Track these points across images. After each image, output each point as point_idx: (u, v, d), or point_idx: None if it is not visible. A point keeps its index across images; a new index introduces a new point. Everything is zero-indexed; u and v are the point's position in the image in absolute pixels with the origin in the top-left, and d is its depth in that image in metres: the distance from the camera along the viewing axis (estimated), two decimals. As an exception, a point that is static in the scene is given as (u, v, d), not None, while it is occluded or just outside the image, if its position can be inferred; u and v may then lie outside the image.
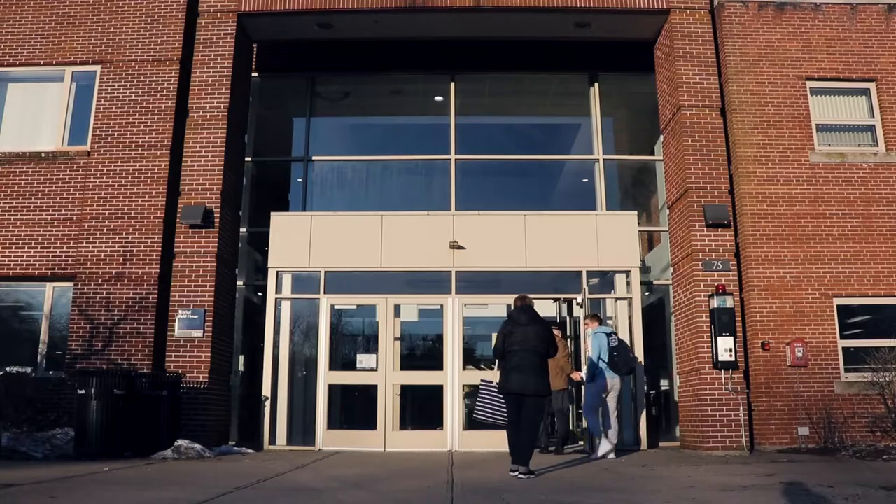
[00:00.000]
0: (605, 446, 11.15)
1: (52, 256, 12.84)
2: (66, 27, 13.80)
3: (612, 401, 11.50)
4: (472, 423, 13.10)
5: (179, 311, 12.41)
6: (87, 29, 13.77)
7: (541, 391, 8.66)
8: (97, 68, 13.63)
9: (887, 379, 11.55)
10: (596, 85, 15.36)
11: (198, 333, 12.32)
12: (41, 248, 12.88)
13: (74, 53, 13.68)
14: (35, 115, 13.83)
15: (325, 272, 13.59)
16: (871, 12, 13.73)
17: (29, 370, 12.39)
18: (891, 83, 13.44)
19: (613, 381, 11.46)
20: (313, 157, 15.12)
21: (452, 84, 15.36)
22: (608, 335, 11.56)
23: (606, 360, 11.36)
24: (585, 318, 12.37)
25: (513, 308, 9.47)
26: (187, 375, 12.05)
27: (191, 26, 13.72)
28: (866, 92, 13.55)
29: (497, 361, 9.52)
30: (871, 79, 13.50)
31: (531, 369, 8.63)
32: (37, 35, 13.80)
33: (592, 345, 11.58)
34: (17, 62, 13.76)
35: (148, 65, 13.55)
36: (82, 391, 10.66)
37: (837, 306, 12.58)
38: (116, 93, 13.45)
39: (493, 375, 10.89)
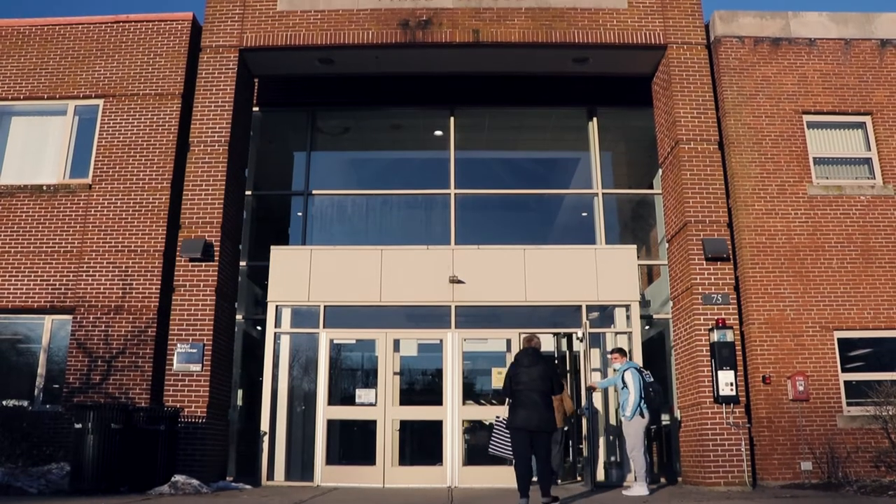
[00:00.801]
0: (641, 489, 10.93)
1: (52, 289, 12.84)
2: (70, 61, 13.96)
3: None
4: (472, 458, 13.05)
5: (178, 345, 12.36)
6: (91, 63, 13.92)
7: (545, 427, 9.20)
8: (100, 102, 13.76)
9: (890, 413, 11.47)
10: (594, 119, 15.47)
11: (196, 367, 12.26)
12: (41, 280, 12.89)
13: (78, 87, 13.82)
14: (37, 148, 13.93)
15: (325, 306, 13.58)
16: (864, 47, 13.89)
17: (25, 404, 12.33)
18: (886, 117, 13.55)
19: (646, 418, 11.33)
20: (313, 191, 15.17)
21: (452, 118, 15.48)
22: (640, 370, 11.45)
23: (643, 396, 11.22)
24: (612, 352, 12.26)
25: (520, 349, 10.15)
26: (185, 410, 11.96)
27: (193, 61, 13.89)
28: (862, 125, 13.65)
29: (506, 399, 10.04)
30: (867, 112, 13.61)
31: (535, 406, 9.21)
32: (41, 69, 13.96)
33: (633, 381, 11.25)
34: (21, 96, 13.89)
35: (150, 99, 13.67)
36: (79, 425, 10.60)
37: (838, 339, 12.54)
38: (118, 126, 13.56)
39: (506, 411, 11.07)
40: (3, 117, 14.07)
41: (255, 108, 15.17)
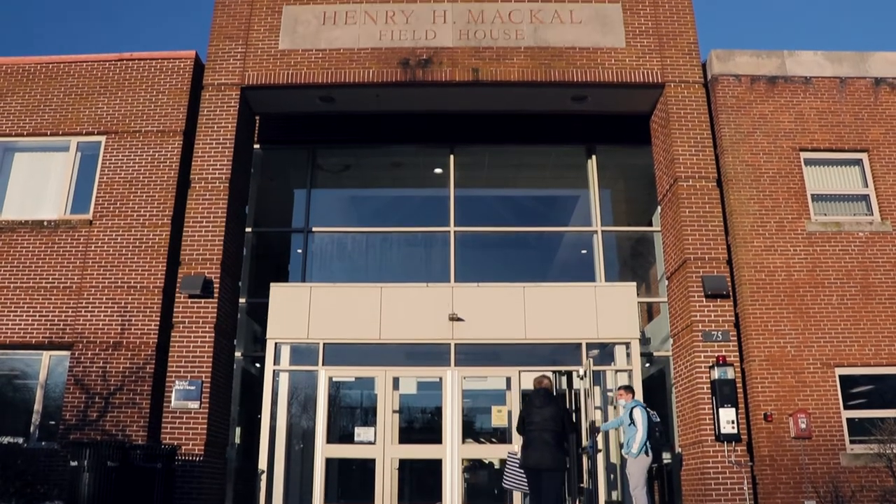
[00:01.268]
0: None
1: (50, 325, 12.79)
2: (74, 98, 14.08)
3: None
4: (472, 497, 12.93)
5: (176, 382, 12.30)
6: (94, 100, 14.04)
7: (556, 466, 9.78)
8: (102, 139, 13.85)
9: (894, 451, 11.36)
10: (593, 157, 15.58)
11: (194, 405, 12.18)
12: (39, 316, 12.85)
13: (80, 124, 13.92)
14: (39, 184, 13.98)
15: (324, 344, 13.55)
16: (859, 85, 14.04)
17: (21, 440, 12.20)
18: (882, 154, 13.64)
19: (650, 457, 11.21)
20: (313, 228, 15.21)
21: (452, 156, 15.58)
22: (647, 409, 11.38)
23: (649, 435, 11.13)
24: (619, 389, 12.18)
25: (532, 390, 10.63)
26: (183, 447, 11.86)
27: (195, 99, 14.01)
28: (859, 162, 13.73)
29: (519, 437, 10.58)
30: (863, 149, 13.70)
31: (546, 446, 9.79)
32: (45, 106, 14.07)
33: (641, 419, 11.10)
34: (25, 132, 13.98)
35: (152, 136, 13.76)
36: (75, 463, 10.45)
37: (840, 376, 12.45)
38: (120, 163, 13.63)
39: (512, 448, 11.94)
40: (7, 153, 14.14)
41: (256, 146, 15.28)
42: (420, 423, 14.22)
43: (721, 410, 11.94)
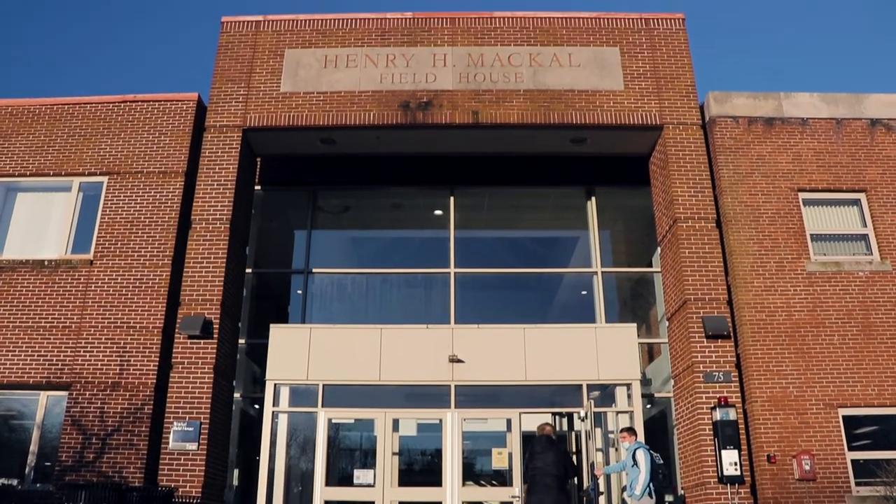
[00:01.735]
0: None
1: (49, 364, 12.73)
2: (77, 139, 14.21)
3: None
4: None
5: (175, 423, 12.20)
6: (97, 141, 14.17)
7: None
8: (104, 179, 13.94)
9: (900, 493, 11.24)
10: (593, 198, 15.65)
11: (192, 446, 12.07)
12: (38, 355, 12.80)
13: (83, 165, 14.02)
14: (41, 224, 14.03)
15: (324, 385, 13.48)
16: (855, 126, 14.17)
17: (15, 482, 12.07)
18: (880, 193, 13.72)
19: (653, 499, 11.08)
20: (313, 270, 15.22)
21: (452, 198, 15.65)
22: (650, 451, 11.28)
23: (652, 477, 11.01)
24: (621, 431, 12.11)
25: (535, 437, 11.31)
26: (180, 490, 11.71)
27: (197, 140, 14.14)
28: (857, 202, 13.80)
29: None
30: (861, 189, 13.78)
31: (548, 489, 10.44)
32: (48, 146, 14.19)
33: (645, 460, 11.01)
34: (28, 172, 14.08)
35: (154, 177, 13.85)
36: (70, 504, 10.35)
37: (843, 417, 12.36)
38: (122, 203, 13.70)
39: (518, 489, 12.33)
40: (10, 193, 14.23)
41: (257, 187, 15.37)
42: (420, 466, 14.07)
43: (724, 452, 11.82)
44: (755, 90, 14.31)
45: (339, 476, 13.51)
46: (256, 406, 14.42)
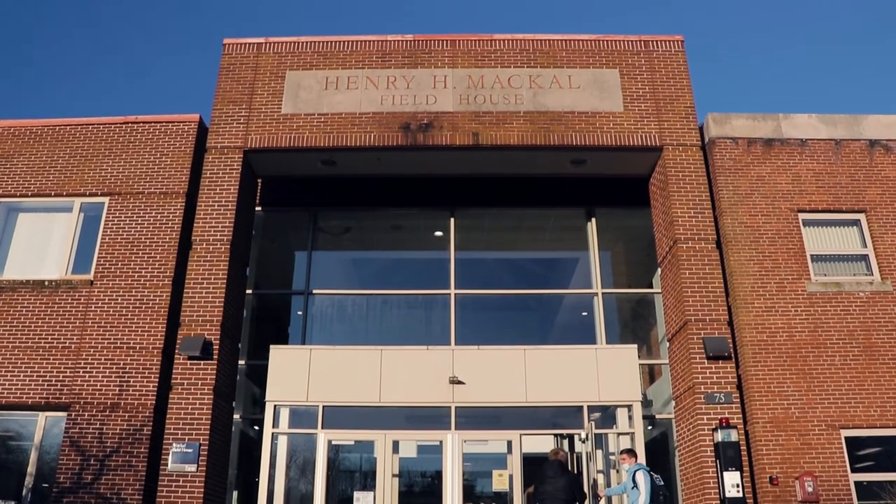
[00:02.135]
0: None
1: (48, 385, 12.69)
2: (79, 160, 14.26)
3: None
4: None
5: (174, 445, 12.14)
6: (99, 162, 14.22)
7: None
8: (105, 200, 13.98)
9: (904, 515, 11.17)
10: (593, 219, 15.68)
11: (191, 468, 12.00)
12: (37, 376, 12.76)
13: (84, 185, 14.06)
14: (41, 244, 14.04)
15: (324, 407, 13.45)
16: (854, 147, 14.22)
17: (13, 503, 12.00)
18: (880, 214, 13.75)
19: None
20: (314, 291, 15.22)
21: (452, 219, 15.68)
22: (650, 472, 11.21)
23: (653, 499, 10.95)
24: (621, 453, 12.09)
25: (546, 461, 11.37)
26: (178, 511, 11.65)
27: (198, 161, 14.19)
28: (857, 223, 13.83)
29: None
30: (861, 210, 13.81)
31: None
32: (50, 167, 14.24)
33: (644, 482, 11.01)
34: (30, 193, 14.12)
35: (155, 197, 13.89)
36: (68, 525, 10.28)
37: (845, 438, 12.29)
38: (122, 223, 13.72)
39: None
40: (11, 213, 14.26)
41: (258, 208, 15.40)
42: (420, 488, 13.98)
43: (725, 474, 11.75)
44: (754, 111, 14.42)
45: (339, 498, 13.43)
46: (256, 427, 14.36)
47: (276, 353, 13.83)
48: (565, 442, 13.61)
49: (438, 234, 15.89)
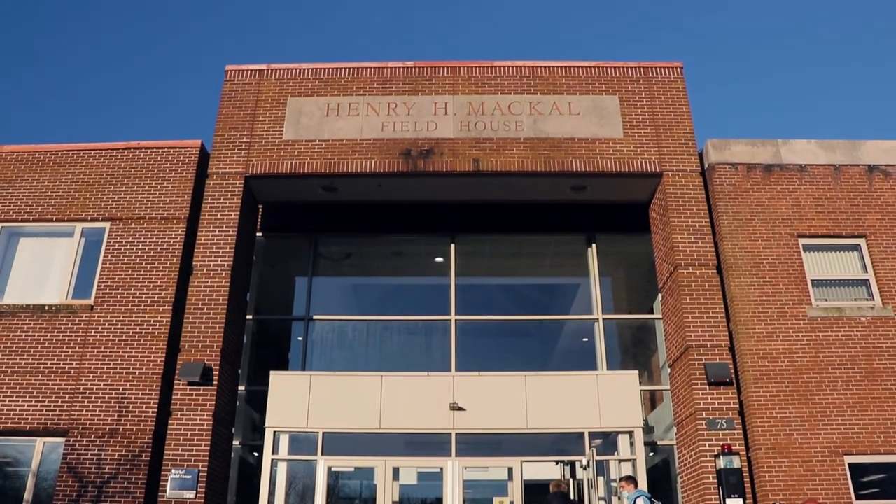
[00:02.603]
0: None
1: (46, 410, 12.63)
2: (81, 185, 14.31)
3: None
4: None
5: (172, 471, 12.07)
6: (100, 187, 14.27)
7: None
8: (106, 225, 14.01)
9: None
10: (593, 245, 15.70)
11: (190, 494, 11.92)
12: (35, 401, 12.70)
13: (86, 210, 14.10)
14: (42, 269, 14.05)
15: (323, 433, 13.37)
16: (853, 172, 14.27)
17: (9, 531, 11.90)
18: (880, 239, 13.76)
19: None
20: (314, 316, 15.19)
21: (452, 245, 15.70)
22: (651, 499, 11.14)
23: None
24: (621, 480, 12.03)
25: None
26: (176, 538, 11.55)
27: (199, 186, 14.25)
28: (857, 248, 13.84)
29: None
30: (861, 235, 13.83)
31: None
32: (52, 192, 14.29)
33: None
34: (31, 217, 14.16)
35: (156, 223, 13.92)
36: (65, 552, 10.18)
37: (849, 464, 12.20)
38: (123, 249, 13.74)
39: None
40: (12, 238, 14.28)
41: (259, 233, 15.42)
42: (420, 515, 13.90)
43: (728, 501, 11.68)
44: (753, 136, 14.49)
45: (339, 525, 13.34)
46: (255, 454, 14.26)
47: (276, 379, 13.77)
48: (566, 469, 13.52)
49: (439, 259, 15.90)
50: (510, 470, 13.18)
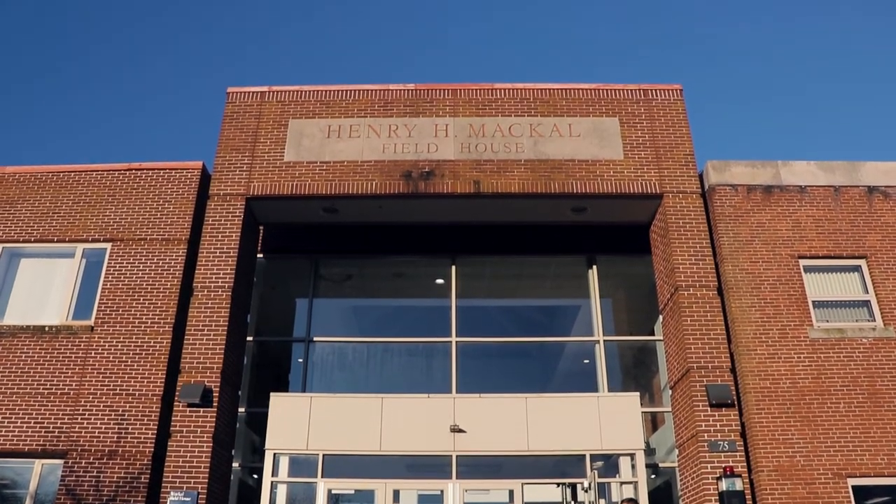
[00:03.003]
0: None
1: (45, 432, 12.56)
2: (82, 206, 14.33)
3: None
4: None
5: (171, 493, 11.98)
6: (102, 208, 14.29)
7: None
8: (108, 246, 14.01)
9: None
10: (594, 267, 15.70)
11: (189, 517, 11.84)
12: (34, 422, 12.63)
13: (87, 231, 14.11)
14: (43, 289, 14.03)
15: (324, 455, 13.29)
16: (853, 193, 14.31)
17: (6, 554, 11.80)
18: (881, 260, 13.77)
19: None
20: (314, 338, 15.17)
21: (453, 267, 15.70)
22: None
23: None
24: (623, 502, 11.91)
25: None
26: (175, 562, 11.46)
27: (200, 208, 14.27)
28: (858, 269, 13.85)
29: None
30: (861, 256, 13.84)
31: None
32: (53, 213, 14.31)
33: None
34: (32, 238, 14.17)
35: (157, 244, 13.93)
36: (62, 575, 10.09)
37: (853, 487, 12.10)
38: (124, 270, 13.74)
39: None
40: (13, 259, 14.27)
41: (259, 255, 15.43)
42: (420, 538, 13.79)
43: (731, 524, 11.59)
44: (752, 156, 14.55)
45: (339, 548, 13.24)
46: (255, 476, 14.18)
47: (277, 401, 13.72)
48: (568, 491, 13.43)
49: (440, 281, 15.90)
50: (511, 492, 13.09)
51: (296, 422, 13.48)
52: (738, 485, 11.82)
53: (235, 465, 13.68)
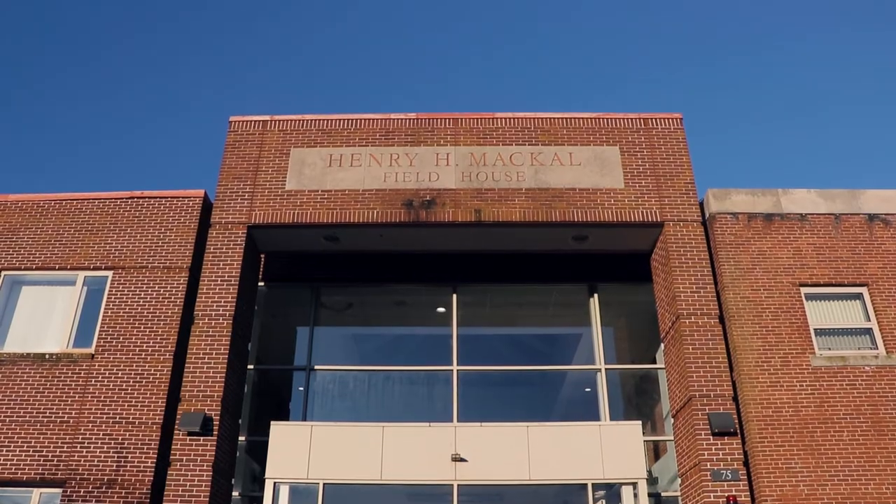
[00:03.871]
0: None
1: (44, 460, 12.48)
2: (84, 234, 14.36)
3: None
4: None
5: (170, 523, 11.90)
6: (104, 236, 14.32)
7: None
8: (109, 273, 14.03)
9: None
10: (595, 295, 15.67)
11: (187, 547, 11.73)
12: (33, 451, 12.56)
13: (89, 259, 14.14)
14: (44, 317, 14.02)
15: (324, 484, 13.17)
16: (854, 221, 14.34)
17: (2, 585, 11.69)
18: (882, 287, 13.76)
19: None
20: (315, 367, 15.12)
21: (454, 295, 15.68)
22: None
23: None
24: None
25: None
26: (173, 593, 11.34)
27: (202, 236, 14.30)
28: (859, 296, 13.83)
29: None
30: (863, 284, 13.82)
31: None
32: (55, 241, 14.33)
33: None
34: (34, 266, 14.18)
35: (158, 272, 13.94)
36: None
37: (859, 518, 12.04)
38: (125, 297, 13.74)
39: None
40: (15, 286, 14.29)
41: (260, 283, 15.41)
42: (421, 569, 13.67)
43: (735, 554, 11.49)
44: (752, 183, 14.61)
45: (339, 580, 13.10)
46: (255, 506, 14.08)
47: (277, 430, 13.64)
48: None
49: (441, 310, 15.88)
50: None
51: (296, 450, 13.38)
52: (742, 514, 11.73)
53: (235, 494, 13.56)
